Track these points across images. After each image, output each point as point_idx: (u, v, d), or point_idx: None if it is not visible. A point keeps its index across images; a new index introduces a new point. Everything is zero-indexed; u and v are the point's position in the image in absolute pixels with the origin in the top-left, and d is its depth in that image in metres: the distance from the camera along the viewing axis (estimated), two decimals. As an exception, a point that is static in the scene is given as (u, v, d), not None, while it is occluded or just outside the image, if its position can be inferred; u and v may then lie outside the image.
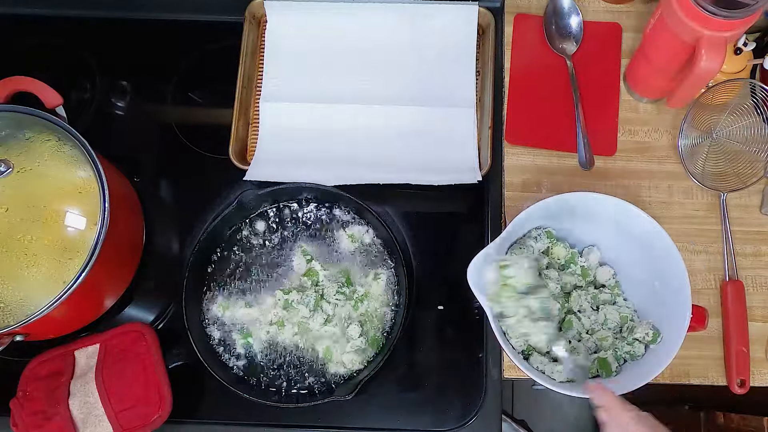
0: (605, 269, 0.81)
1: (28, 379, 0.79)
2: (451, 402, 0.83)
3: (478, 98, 0.93)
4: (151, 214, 0.90)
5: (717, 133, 0.89)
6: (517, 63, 0.95)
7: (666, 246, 0.74)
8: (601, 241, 0.82)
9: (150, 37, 0.99)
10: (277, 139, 0.92)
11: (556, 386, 0.72)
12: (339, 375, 0.82)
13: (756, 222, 0.88)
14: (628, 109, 0.93)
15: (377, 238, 0.87)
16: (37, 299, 0.73)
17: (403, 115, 0.92)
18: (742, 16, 0.70)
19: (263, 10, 0.96)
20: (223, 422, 0.83)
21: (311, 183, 0.86)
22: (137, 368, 0.78)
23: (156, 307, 0.88)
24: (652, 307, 0.78)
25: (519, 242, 0.80)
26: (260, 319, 0.84)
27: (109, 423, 0.76)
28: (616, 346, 0.76)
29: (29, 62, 0.98)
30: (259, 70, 0.95)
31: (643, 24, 0.88)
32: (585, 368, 0.76)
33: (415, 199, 0.91)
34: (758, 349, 0.84)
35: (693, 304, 0.72)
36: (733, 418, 1.06)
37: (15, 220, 0.75)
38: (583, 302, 0.79)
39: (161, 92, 0.97)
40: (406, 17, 0.95)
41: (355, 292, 0.84)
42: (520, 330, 0.73)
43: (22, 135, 0.79)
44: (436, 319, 0.86)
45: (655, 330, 0.75)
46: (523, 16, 0.96)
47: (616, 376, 0.75)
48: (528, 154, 0.91)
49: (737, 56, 0.84)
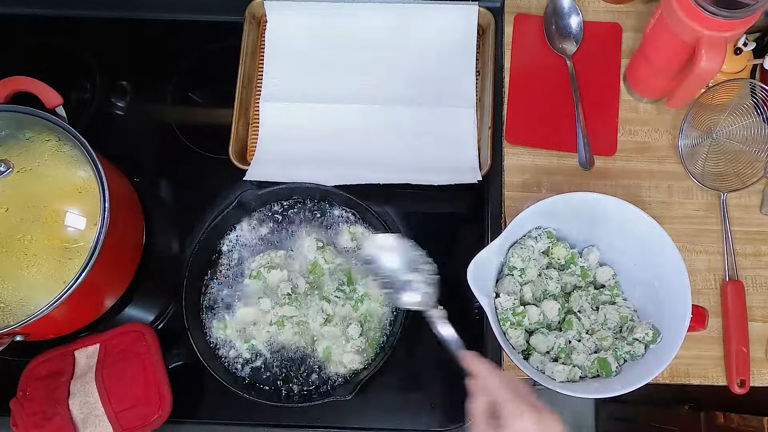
0: (605, 269, 0.81)
1: (28, 379, 0.79)
2: (451, 402, 0.83)
3: (478, 98, 0.93)
4: (151, 214, 0.90)
5: (717, 133, 0.89)
6: (517, 63, 0.95)
7: (665, 245, 0.74)
8: (601, 241, 0.82)
9: (150, 37, 0.99)
10: (277, 139, 0.92)
11: (556, 386, 0.72)
12: (339, 375, 0.82)
13: (756, 222, 0.88)
14: (628, 109, 0.93)
15: (377, 238, 0.87)
16: (37, 299, 0.73)
17: (403, 114, 0.92)
18: (742, 16, 0.70)
19: (263, 10, 0.96)
20: (223, 422, 0.83)
21: (311, 183, 0.86)
22: (137, 368, 0.78)
23: (156, 307, 0.88)
24: (652, 307, 0.78)
25: (519, 242, 0.80)
26: (260, 320, 0.84)
27: (109, 423, 0.76)
28: (616, 346, 0.76)
29: (29, 62, 0.98)
30: (259, 70, 0.96)
31: (643, 24, 0.88)
32: (433, 292, 0.72)
33: (415, 199, 0.91)
34: (758, 349, 0.84)
35: (693, 304, 0.72)
36: (733, 418, 1.06)
37: (15, 220, 0.75)
38: (583, 302, 0.79)
39: (161, 92, 0.97)
40: (406, 17, 0.95)
41: (355, 291, 0.84)
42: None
43: (22, 135, 0.78)
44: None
45: (654, 330, 0.75)
46: (523, 16, 0.96)
47: (616, 376, 0.76)
48: (528, 154, 0.91)
49: (737, 56, 0.84)
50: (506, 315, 0.76)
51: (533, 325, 0.77)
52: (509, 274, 0.79)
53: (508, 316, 0.76)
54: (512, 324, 0.75)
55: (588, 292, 0.80)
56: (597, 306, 0.80)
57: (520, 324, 0.76)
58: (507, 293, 0.77)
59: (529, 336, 0.78)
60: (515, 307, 0.76)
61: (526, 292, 0.79)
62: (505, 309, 0.76)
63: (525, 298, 0.79)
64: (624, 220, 0.77)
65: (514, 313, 0.75)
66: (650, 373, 0.71)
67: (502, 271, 0.80)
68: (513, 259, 0.78)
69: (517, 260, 0.78)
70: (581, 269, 0.81)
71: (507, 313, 0.76)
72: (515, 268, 0.78)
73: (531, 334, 0.78)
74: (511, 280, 0.78)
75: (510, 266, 0.79)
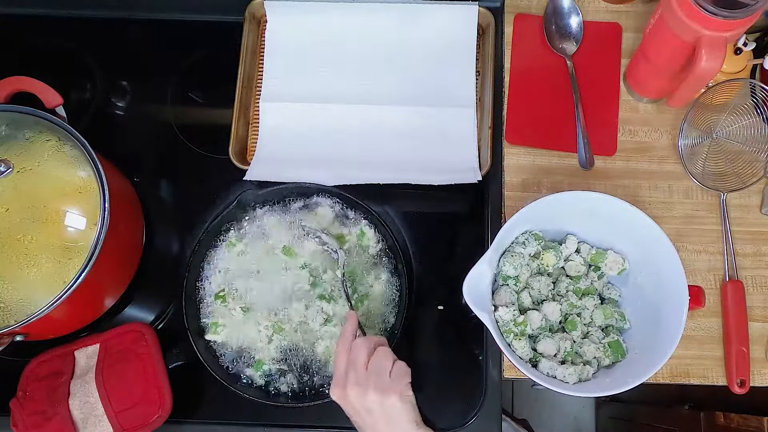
0: (616, 257, 0.81)
1: (28, 379, 0.79)
2: (451, 402, 0.83)
3: (478, 98, 0.93)
4: (151, 214, 0.90)
5: (717, 133, 0.89)
6: (517, 63, 0.95)
7: (651, 228, 0.74)
8: (589, 234, 0.82)
9: (150, 37, 0.99)
10: (277, 139, 0.92)
11: (569, 389, 0.72)
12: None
13: (756, 222, 0.88)
14: (628, 109, 0.93)
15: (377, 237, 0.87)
16: (37, 299, 0.73)
17: (403, 114, 0.92)
18: (742, 16, 0.70)
19: (263, 10, 0.96)
20: (223, 422, 0.83)
21: (311, 183, 0.86)
22: (137, 368, 0.78)
23: (156, 307, 0.88)
24: (651, 292, 0.78)
25: (509, 250, 0.80)
26: (259, 319, 0.83)
27: (108, 423, 0.76)
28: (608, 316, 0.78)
29: (29, 62, 0.98)
30: (259, 70, 0.96)
31: (643, 24, 0.88)
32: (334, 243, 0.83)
33: (415, 199, 0.91)
34: (758, 349, 0.84)
35: (689, 285, 0.73)
36: (733, 418, 1.06)
37: (15, 220, 0.75)
38: (563, 290, 0.80)
39: (161, 92, 0.97)
40: (407, 17, 0.95)
41: (355, 292, 0.84)
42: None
43: (22, 135, 0.78)
44: (436, 319, 0.86)
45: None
46: (523, 16, 0.96)
47: (626, 369, 0.75)
48: (528, 154, 0.91)
49: (737, 56, 0.84)
50: (508, 327, 0.75)
51: (536, 330, 0.77)
52: (504, 284, 0.79)
53: (510, 327, 0.75)
54: (516, 335, 0.75)
55: (573, 281, 0.80)
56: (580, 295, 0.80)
57: (523, 333, 0.75)
58: (505, 305, 0.76)
59: (534, 342, 0.78)
60: (515, 318, 0.75)
61: (524, 298, 0.79)
62: (506, 321, 0.75)
63: (524, 304, 0.79)
64: (605, 209, 0.77)
65: (515, 323, 0.75)
66: (659, 361, 0.71)
67: (497, 281, 0.80)
68: (505, 269, 0.78)
69: (510, 269, 0.78)
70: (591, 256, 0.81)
71: (509, 325, 0.75)
72: (509, 277, 0.78)
73: (536, 340, 0.78)
74: (507, 290, 0.78)
75: (504, 276, 0.79)
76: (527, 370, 0.72)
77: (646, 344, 0.76)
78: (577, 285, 0.80)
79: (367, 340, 0.72)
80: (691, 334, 0.85)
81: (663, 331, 0.74)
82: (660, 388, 0.81)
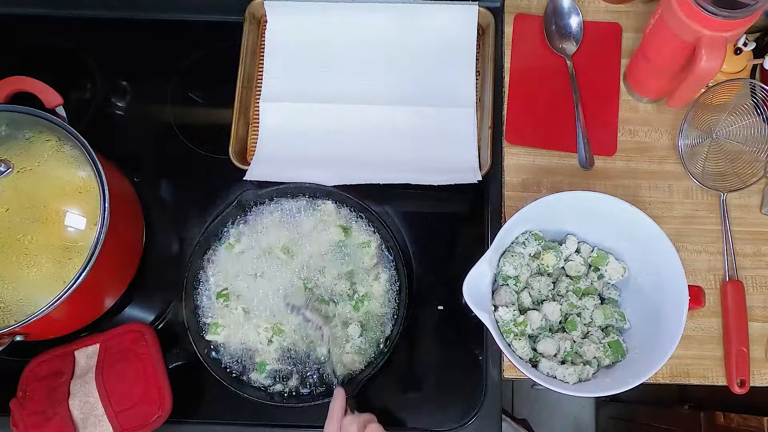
0: (617, 266, 0.81)
1: (28, 379, 0.79)
2: (451, 402, 0.83)
3: (478, 98, 0.93)
4: (151, 214, 0.90)
5: (717, 133, 0.89)
6: (517, 63, 0.95)
7: (651, 229, 0.74)
8: (589, 234, 0.82)
9: (150, 37, 0.99)
10: (277, 139, 0.92)
11: (569, 389, 0.72)
12: (339, 375, 0.82)
13: (756, 222, 0.88)
14: (628, 109, 0.93)
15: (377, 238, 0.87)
16: (37, 299, 0.74)
17: (403, 114, 0.92)
18: (742, 16, 0.70)
19: (263, 10, 0.96)
20: (223, 422, 0.83)
21: (311, 183, 0.86)
22: (137, 368, 0.78)
23: (156, 307, 0.88)
24: (651, 294, 0.78)
25: (509, 250, 0.80)
26: (259, 321, 0.83)
27: (108, 423, 0.76)
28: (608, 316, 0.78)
29: (29, 62, 0.98)
30: (259, 70, 0.96)
31: (643, 24, 0.88)
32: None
33: (415, 199, 0.91)
34: (758, 349, 0.84)
35: (689, 285, 0.73)
36: (733, 418, 1.06)
37: (15, 220, 0.75)
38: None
39: (161, 92, 0.97)
40: (407, 17, 0.95)
41: (355, 292, 0.84)
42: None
43: (22, 135, 0.78)
44: (436, 319, 0.86)
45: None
46: (523, 16, 0.96)
47: (627, 369, 0.75)
48: (528, 154, 0.91)
49: (737, 56, 0.84)
50: (508, 327, 0.75)
51: (536, 330, 0.77)
52: (504, 284, 0.79)
53: (510, 327, 0.75)
54: (516, 335, 0.75)
55: (573, 281, 0.80)
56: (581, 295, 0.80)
57: (523, 333, 0.75)
58: (505, 305, 0.76)
59: (534, 343, 0.78)
60: (515, 318, 0.75)
61: (524, 298, 0.79)
62: (506, 321, 0.75)
63: (524, 304, 0.79)
64: (607, 210, 0.77)
65: (515, 323, 0.75)
66: (662, 358, 0.71)
67: (497, 281, 0.80)
68: (505, 269, 0.78)
69: (510, 269, 0.78)
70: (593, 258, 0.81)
71: (509, 325, 0.75)
72: (509, 277, 0.78)
73: (536, 340, 0.78)
74: (507, 290, 0.78)
75: (504, 276, 0.78)
76: (527, 370, 0.72)
77: (646, 344, 0.76)
78: (577, 285, 0.80)
79: (357, 418, 0.71)
80: (691, 334, 0.85)
81: (663, 331, 0.74)
82: (660, 388, 0.81)
